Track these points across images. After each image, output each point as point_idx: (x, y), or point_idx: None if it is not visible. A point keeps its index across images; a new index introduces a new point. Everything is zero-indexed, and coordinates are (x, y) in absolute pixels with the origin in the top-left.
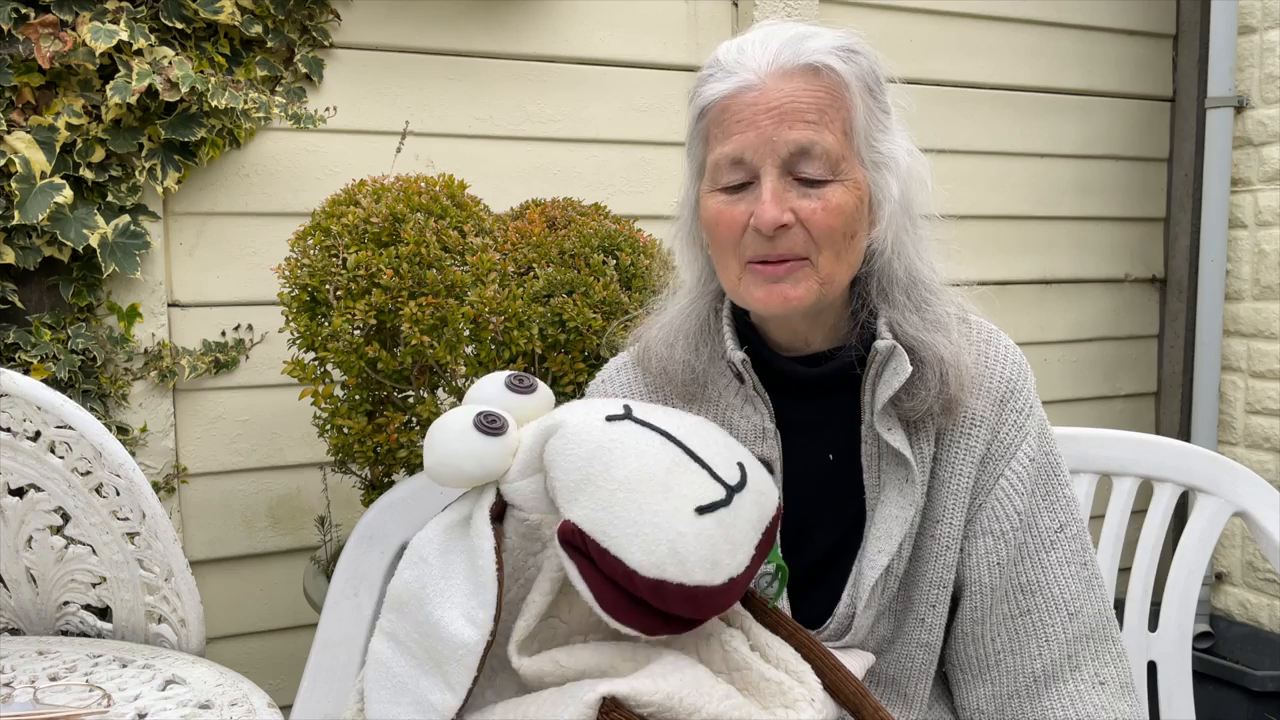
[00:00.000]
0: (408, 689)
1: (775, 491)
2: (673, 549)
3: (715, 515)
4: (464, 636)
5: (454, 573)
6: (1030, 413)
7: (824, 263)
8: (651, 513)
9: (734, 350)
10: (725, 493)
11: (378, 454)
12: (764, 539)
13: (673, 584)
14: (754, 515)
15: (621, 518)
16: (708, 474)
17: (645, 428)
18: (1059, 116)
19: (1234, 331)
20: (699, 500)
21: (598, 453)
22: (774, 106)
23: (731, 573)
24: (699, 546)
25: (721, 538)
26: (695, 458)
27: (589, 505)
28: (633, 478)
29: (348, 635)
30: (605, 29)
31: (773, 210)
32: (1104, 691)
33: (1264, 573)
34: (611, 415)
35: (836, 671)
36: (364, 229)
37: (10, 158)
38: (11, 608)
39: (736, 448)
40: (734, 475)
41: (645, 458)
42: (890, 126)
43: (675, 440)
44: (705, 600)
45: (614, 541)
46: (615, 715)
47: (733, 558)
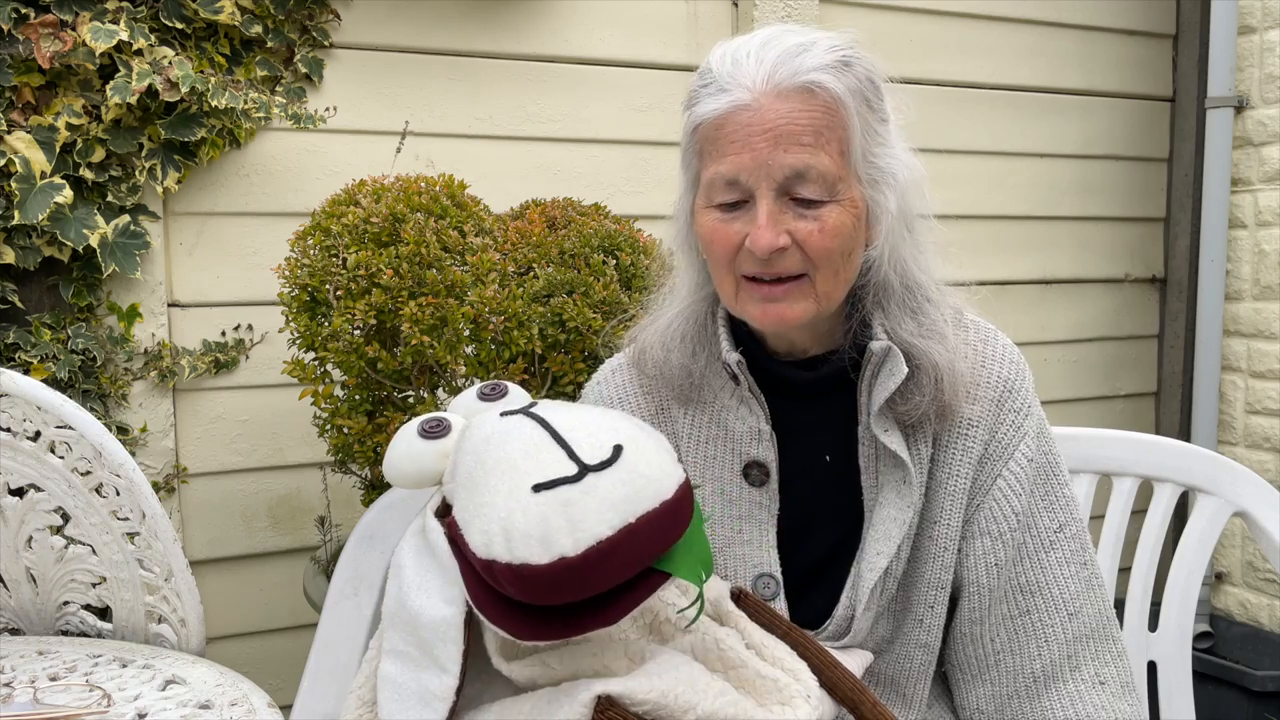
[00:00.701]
0: (411, 690)
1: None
2: (503, 527)
3: (554, 492)
4: (442, 613)
5: (427, 569)
6: (1028, 412)
7: (821, 281)
8: (492, 492)
9: (729, 352)
10: (576, 470)
11: (378, 454)
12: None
13: (500, 563)
14: (617, 496)
15: (473, 501)
16: (564, 453)
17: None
18: (1059, 116)
19: (1234, 331)
20: (541, 478)
21: (480, 446)
22: (769, 128)
23: (565, 551)
24: (525, 523)
25: (556, 514)
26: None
27: (460, 496)
28: (491, 464)
29: (348, 635)
30: (605, 29)
31: (768, 235)
32: (1104, 691)
33: (1264, 573)
34: (507, 410)
35: (833, 669)
36: (364, 229)
37: (10, 158)
38: (11, 608)
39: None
40: (599, 455)
41: (510, 443)
42: (888, 137)
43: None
44: (536, 582)
45: (465, 526)
46: (610, 714)
47: (570, 536)
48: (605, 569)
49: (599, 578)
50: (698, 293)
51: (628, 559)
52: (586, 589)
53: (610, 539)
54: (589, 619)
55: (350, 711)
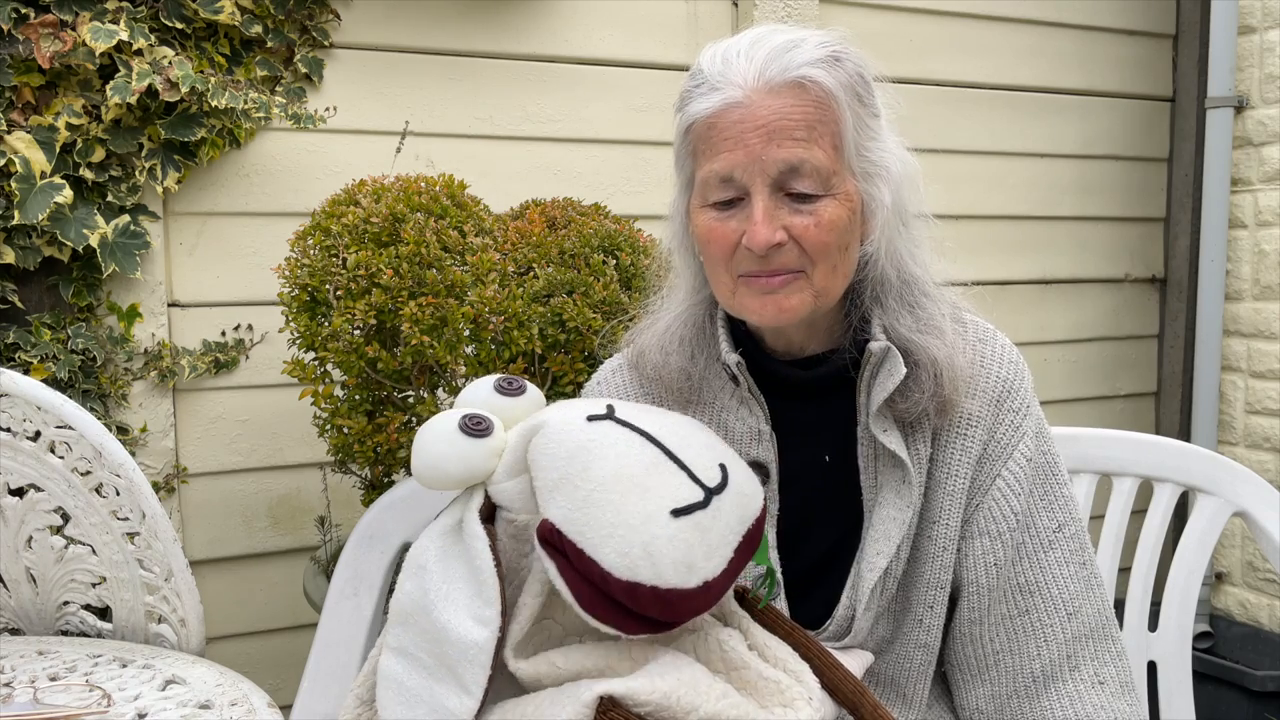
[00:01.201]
0: (422, 700)
1: (760, 493)
2: (646, 551)
3: (692, 518)
4: (474, 636)
5: (454, 576)
6: (1027, 412)
7: (819, 276)
8: (627, 514)
9: (729, 353)
10: (703, 495)
11: (378, 454)
12: (745, 541)
13: (646, 586)
14: (734, 517)
15: (597, 519)
16: (686, 475)
17: (625, 427)
18: (1059, 116)
19: (1234, 331)
20: (675, 502)
21: (577, 452)
22: (761, 125)
23: (706, 576)
24: (672, 550)
25: (697, 541)
26: (674, 458)
27: (566, 505)
28: (609, 478)
29: (348, 635)
30: (605, 29)
31: (765, 231)
32: (1103, 691)
33: (1264, 573)
34: (593, 415)
35: (835, 670)
36: (364, 229)
37: (10, 158)
38: (11, 608)
39: (719, 448)
40: (714, 477)
41: (624, 458)
42: (880, 131)
43: (655, 440)
44: (679, 603)
45: (589, 542)
46: (612, 714)
47: (708, 561)
48: (729, 582)
49: (724, 592)
50: (696, 294)
51: (740, 568)
52: (714, 602)
53: (734, 559)
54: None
55: (349, 710)
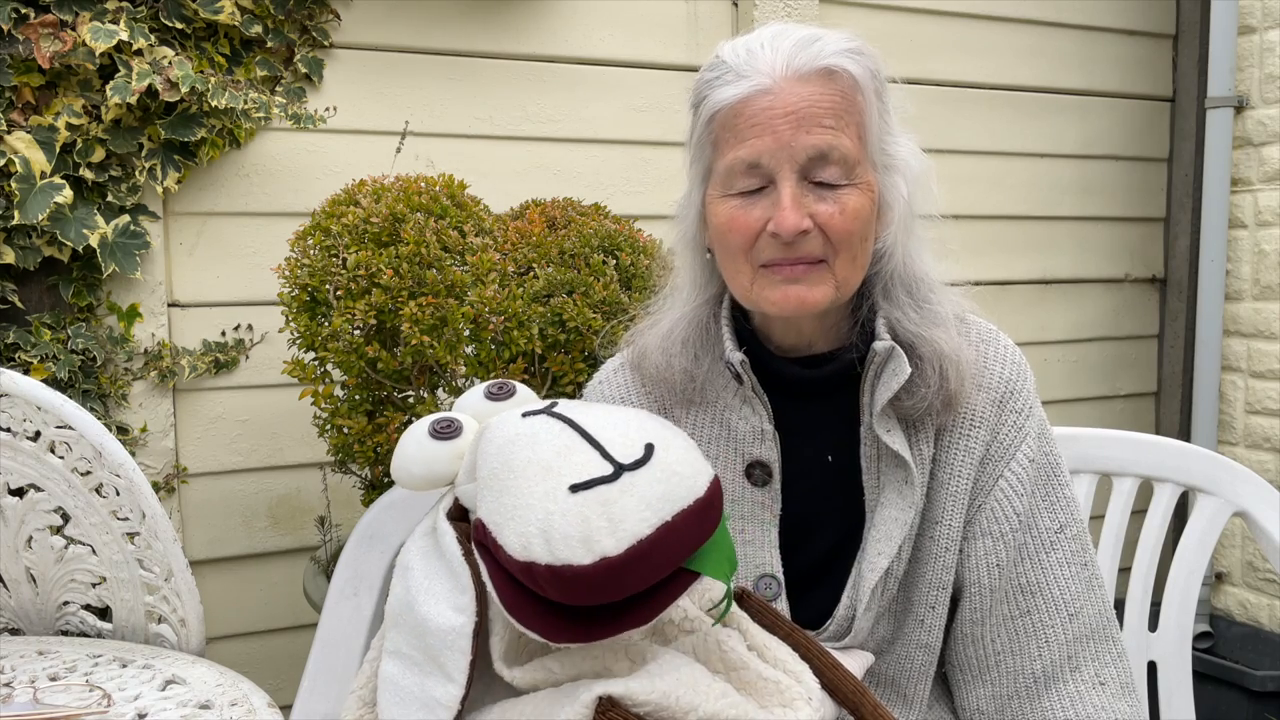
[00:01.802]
0: (414, 695)
1: (702, 475)
2: (541, 529)
3: (593, 491)
4: (451, 622)
5: (434, 573)
6: (1029, 413)
7: (840, 266)
8: (527, 494)
9: (732, 351)
10: (612, 469)
11: (378, 454)
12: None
13: (540, 565)
14: (654, 494)
15: (504, 504)
16: (598, 454)
17: (555, 419)
18: (1059, 116)
19: (1234, 331)
20: (577, 478)
21: (504, 447)
22: (791, 111)
23: (607, 551)
24: (565, 524)
25: (597, 514)
26: (590, 439)
27: (489, 498)
28: (521, 465)
29: (348, 635)
30: (605, 29)
31: (794, 216)
32: (1104, 692)
33: (1264, 573)
34: (529, 411)
35: (835, 671)
36: (364, 229)
37: (10, 158)
38: (11, 608)
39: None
40: (631, 454)
41: (539, 445)
42: (895, 129)
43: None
44: (578, 583)
45: (498, 529)
46: (612, 715)
47: (611, 536)
48: (644, 568)
49: (638, 577)
50: (700, 294)
51: (666, 557)
52: (625, 589)
53: (650, 537)
54: (622, 620)
55: (351, 712)
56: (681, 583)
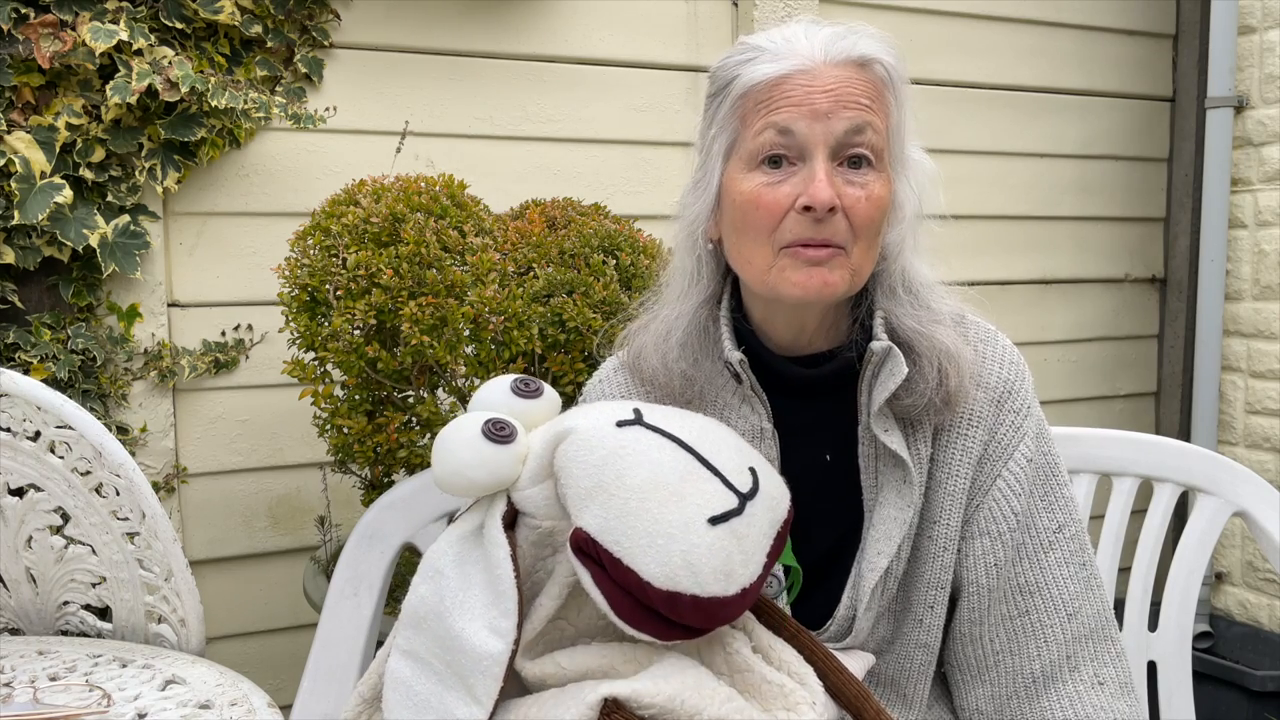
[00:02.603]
0: (430, 706)
1: (786, 494)
2: (686, 560)
3: (728, 525)
4: (488, 647)
5: (472, 584)
6: (1028, 413)
7: (857, 254)
8: (665, 523)
9: (731, 350)
10: (738, 501)
11: (378, 454)
12: (775, 544)
13: (686, 596)
14: (766, 522)
15: (634, 528)
16: (720, 482)
17: (656, 433)
18: (1059, 116)
19: (1234, 331)
20: (712, 510)
21: (609, 459)
22: (829, 89)
23: (744, 583)
24: (712, 558)
25: (735, 548)
26: (708, 465)
27: (601, 513)
28: (645, 486)
29: (348, 635)
30: (605, 29)
31: (829, 189)
32: (1103, 692)
33: (1264, 573)
34: (622, 420)
35: (839, 674)
36: (364, 229)
37: (10, 158)
38: (11, 608)
39: (748, 452)
40: (746, 482)
41: (658, 465)
42: (911, 133)
43: (686, 446)
44: (718, 611)
45: (627, 551)
46: (616, 716)
47: (746, 567)
48: (761, 586)
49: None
50: (699, 294)
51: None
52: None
53: (767, 563)
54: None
55: (351, 709)
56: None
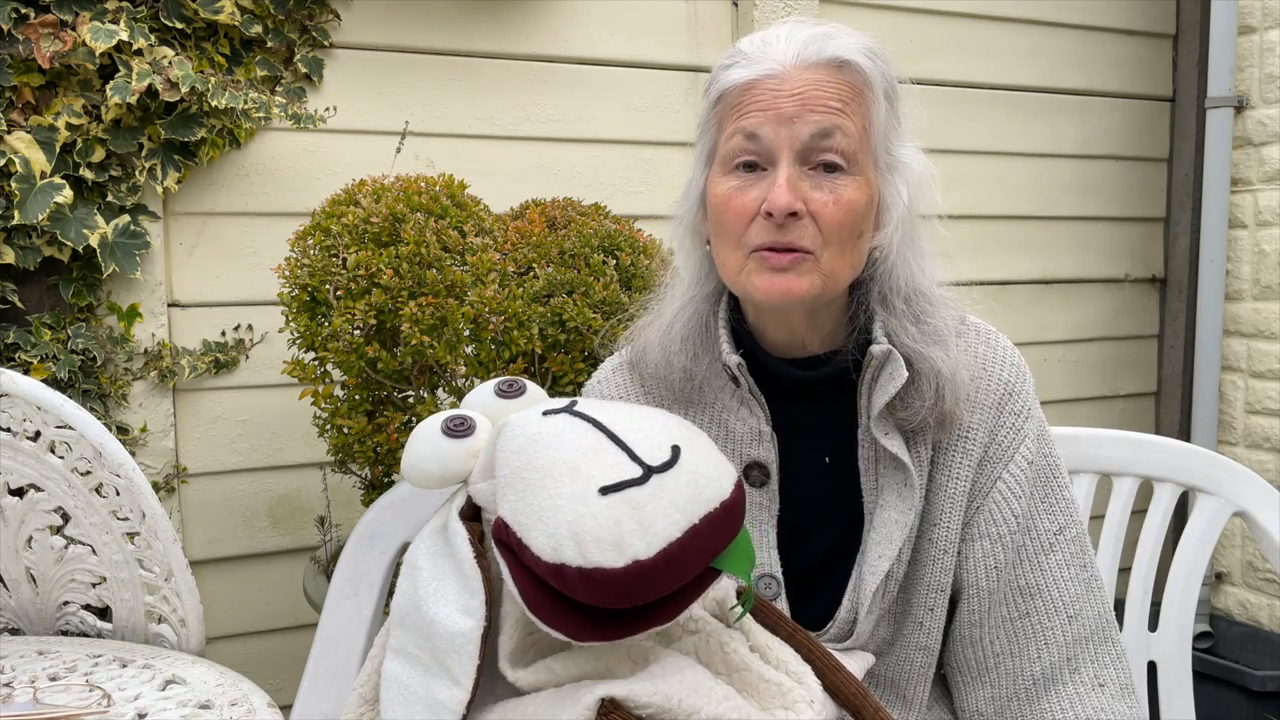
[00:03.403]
0: (418, 696)
1: (727, 477)
2: (571, 530)
3: (623, 494)
4: (460, 626)
5: (443, 573)
6: (1028, 415)
7: (828, 259)
8: (557, 496)
9: (729, 353)
10: (641, 472)
11: (378, 454)
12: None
13: (571, 568)
14: (682, 498)
15: (530, 504)
16: (626, 455)
17: (576, 418)
18: (1059, 116)
19: (1234, 331)
20: (606, 480)
21: (526, 446)
22: (796, 92)
23: (637, 554)
24: (597, 526)
25: (627, 516)
26: (616, 440)
27: (511, 497)
28: (546, 465)
29: (348, 635)
30: (605, 29)
31: (787, 195)
32: (1103, 693)
33: (1264, 573)
34: (549, 410)
35: (837, 673)
36: (364, 229)
37: (10, 158)
38: (11, 608)
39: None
40: (659, 456)
41: (565, 445)
42: (903, 134)
43: (602, 427)
44: (609, 585)
45: (524, 530)
46: (614, 716)
47: (642, 538)
48: (674, 570)
49: (667, 579)
50: (700, 288)
51: (693, 560)
52: (655, 591)
53: (679, 540)
54: (646, 619)
55: (352, 710)
56: (704, 582)
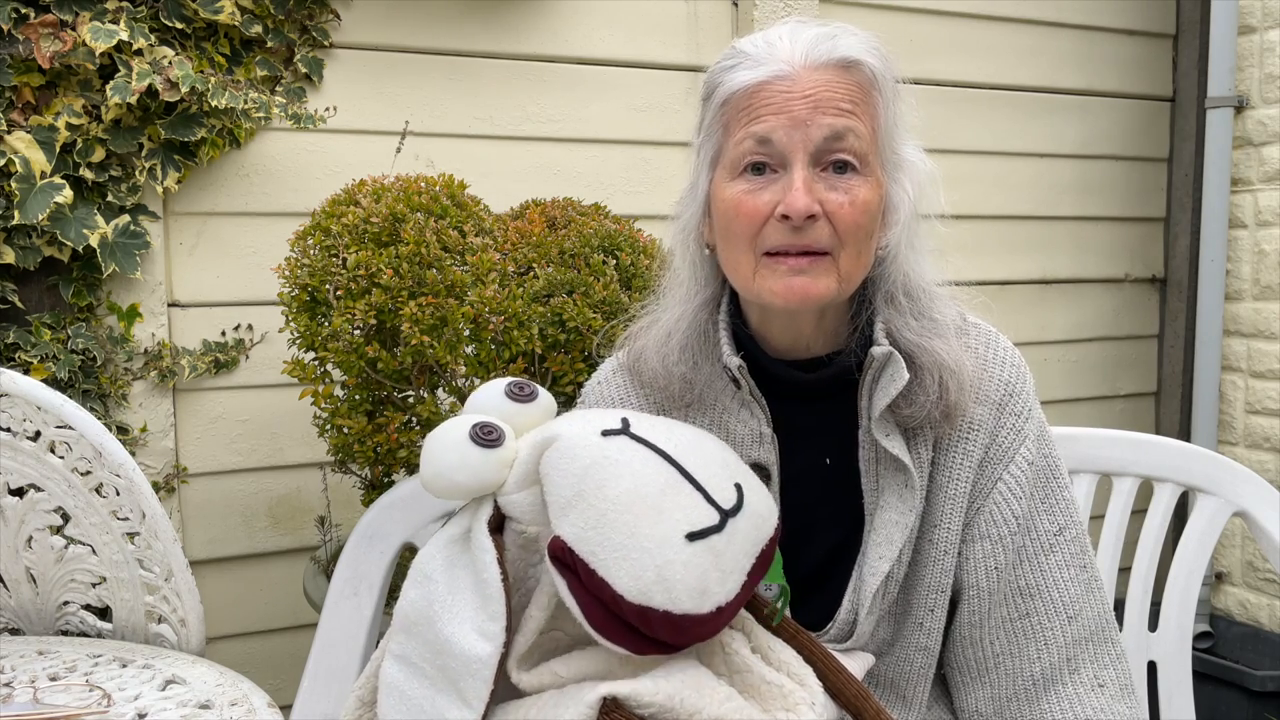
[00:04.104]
0: (423, 710)
1: (774, 512)
2: (660, 576)
3: (707, 542)
4: (477, 650)
5: (460, 588)
6: (1029, 415)
7: (845, 260)
8: (641, 536)
9: (730, 356)
10: (719, 518)
11: (378, 454)
12: (759, 562)
13: (658, 611)
14: (748, 540)
15: (610, 539)
16: (701, 497)
17: (641, 444)
18: (1059, 116)
19: (1234, 331)
20: (691, 526)
21: (591, 469)
22: (808, 94)
23: (720, 601)
24: (687, 575)
25: (711, 565)
26: (690, 479)
27: (579, 523)
28: (624, 498)
29: (348, 635)
30: (605, 29)
31: (805, 198)
32: (1103, 694)
33: (1264, 573)
34: (608, 430)
35: (839, 674)
36: (364, 229)
37: (10, 158)
38: (11, 608)
39: (735, 466)
40: (729, 498)
41: (638, 477)
42: (905, 133)
43: (670, 459)
44: (691, 628)
45: (601, 563)
46: (615, 715)
47: (722, 586)
48: (739, 606)
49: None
50: (699, 295)
51: (752, 590)
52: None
53: (746, 582)
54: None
55: (351, 711)
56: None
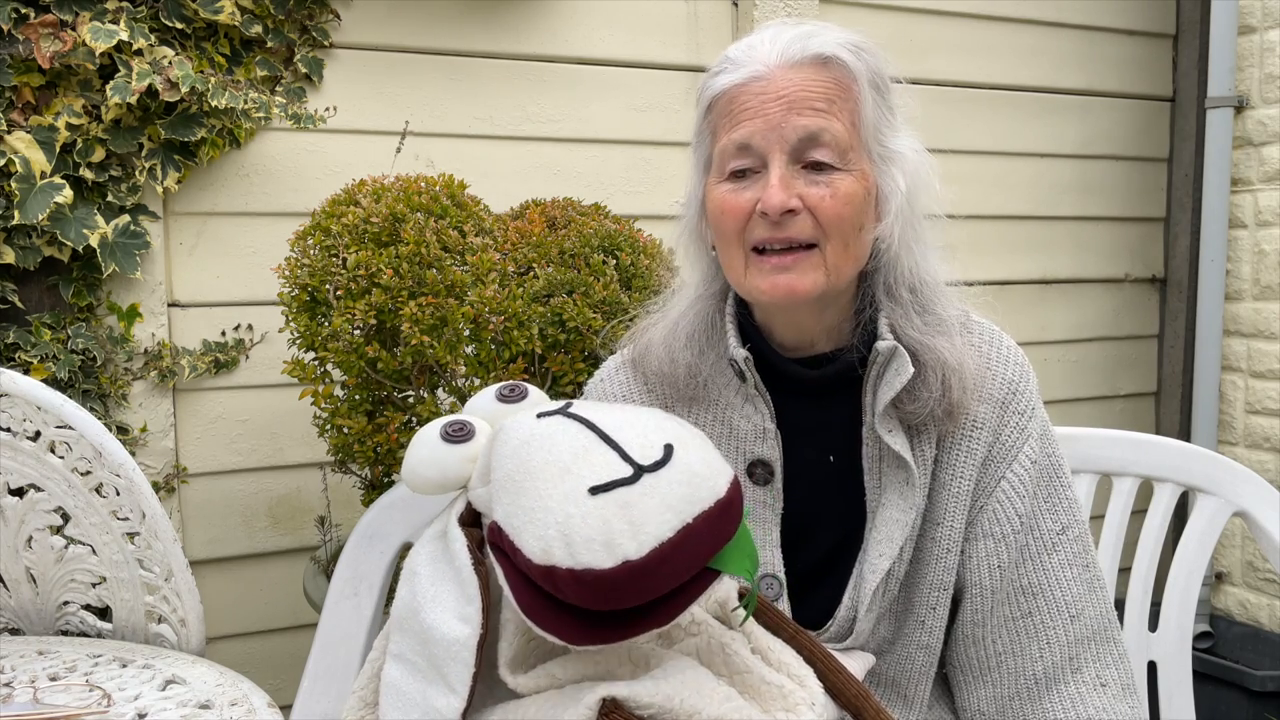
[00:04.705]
0: (416, 703)
1: (723, 475)
2: (561, 531)
3: (613, 494)
4: (456, 633)
5: (442, 579)
6: (1032, 414)
7: (831, 252)
8: (545, 496)
9: (736, 348)
10: (631, 471)
11: (378, 454)
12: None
13: (561, 569)
14: (675, 496)
15: (521, 506)
16: (617, 454)
17: (569, 419)
18: (1059, 116)
19: (1234, 331)
20: (596, 480)
21: (519, 449)
22: (782, 94)
23: (628, 555)
24: (586, 527)
25: (616, 517)
26: (608, 440)
27: (504, 500)
28: (538, 467)
29: (348, 635)
30: (605, 29)
31: (780, 194)
32: (1105, 693)
33: (1264, 573)
34: (543, 412)
35: (838, 674)
36: (364, 229)
37: (10, 158)
38: (11, 608)
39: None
40: (651, 455)
41: (556, 447)
42: (897, 125)
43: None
44: (599, 586)
45: (515, 532)
46: (615, 717)
47: (633, 539)
48: (666, 571)
49: (660, 580)
50: (707, 287)
51: (687, 559)
52: (648, 592)
53: (671, 540)
54: (642, 621)
55: (353, 712)
56: (702, 583)
